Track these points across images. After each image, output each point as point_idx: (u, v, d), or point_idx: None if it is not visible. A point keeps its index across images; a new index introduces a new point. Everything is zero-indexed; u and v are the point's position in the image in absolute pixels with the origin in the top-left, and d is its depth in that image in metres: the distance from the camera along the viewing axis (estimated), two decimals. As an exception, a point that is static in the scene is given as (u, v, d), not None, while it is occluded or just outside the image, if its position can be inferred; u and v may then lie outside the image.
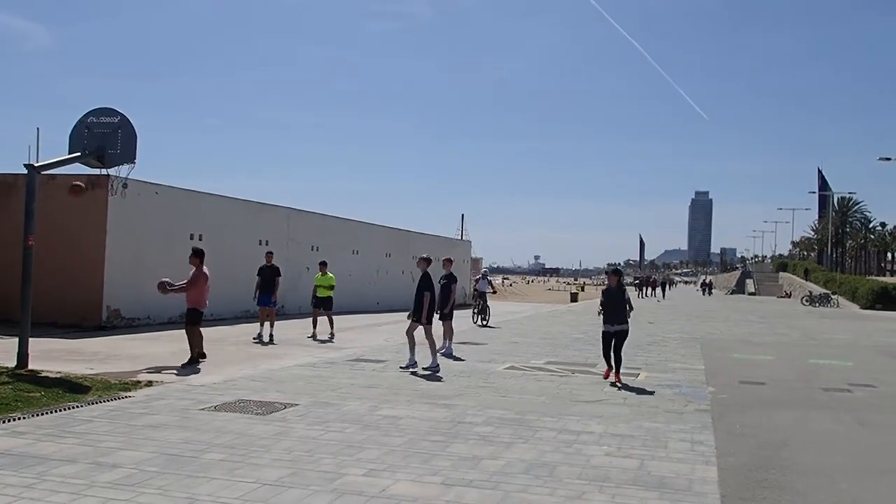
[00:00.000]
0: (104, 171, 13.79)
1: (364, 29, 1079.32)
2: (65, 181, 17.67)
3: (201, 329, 12.33)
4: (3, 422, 7.48)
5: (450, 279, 15.14)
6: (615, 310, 11.70)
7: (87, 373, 10.73)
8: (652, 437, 7.75)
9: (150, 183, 19.57)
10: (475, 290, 25.22)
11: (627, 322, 11.82)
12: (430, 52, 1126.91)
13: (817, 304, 53.68)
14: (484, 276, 26.10)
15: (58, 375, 10.36)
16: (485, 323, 23.31)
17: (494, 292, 29.28)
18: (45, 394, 8.95)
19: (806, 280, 76.71)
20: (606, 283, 12.51)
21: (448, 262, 15.56)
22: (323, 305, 17.88)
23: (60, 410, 8.13)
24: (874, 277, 73.75)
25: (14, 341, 11.06)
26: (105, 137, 12.41)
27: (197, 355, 12.13)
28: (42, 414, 7.92)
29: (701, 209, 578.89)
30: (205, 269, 12.45)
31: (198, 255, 12.49)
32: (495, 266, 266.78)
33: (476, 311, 24.10)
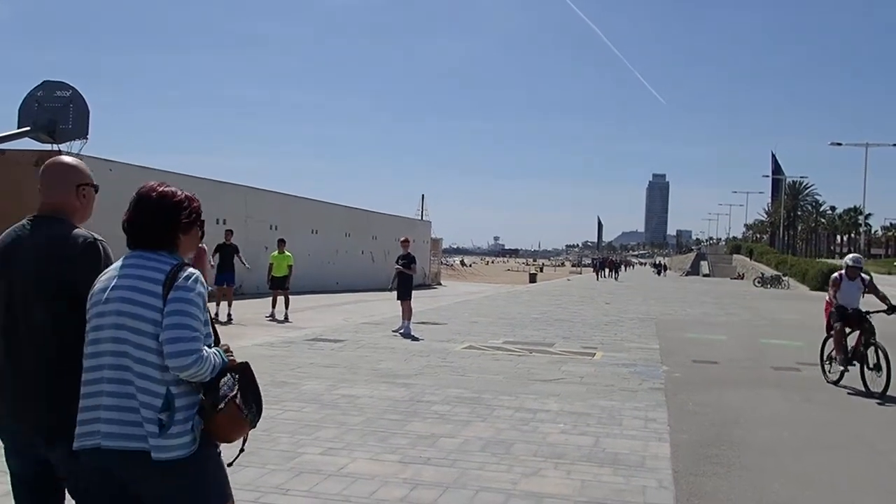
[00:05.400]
0: (55, 147, 13.45)
1: (320, 4, 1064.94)
2: (14, 156, 17.24)
3: None
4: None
5: (408, 259, 15.28)
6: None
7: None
8: (607, 414, 7.88)
9: (104, 160, 19.10)
10: (838, 305, 10.65)
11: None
12: (387, 29, 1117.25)
13: (769, 286, 54.90)
14: (855, 269, 10.65)
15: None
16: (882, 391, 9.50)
17: (891, 310, 10.36)
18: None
19: (751, 260, 78.37)
20: None
21: (405, 242, 15.66)
22: (279, 285, 17.67)
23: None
24: (823, 260, 75.60)
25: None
26: (56, 112, 12.14)
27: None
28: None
29: (658, 192, 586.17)
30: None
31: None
32: (455, 247, 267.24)
33: (847, 353, 10.38)
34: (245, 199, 25.91)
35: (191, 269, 2.64)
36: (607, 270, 66.13)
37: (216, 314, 16.21)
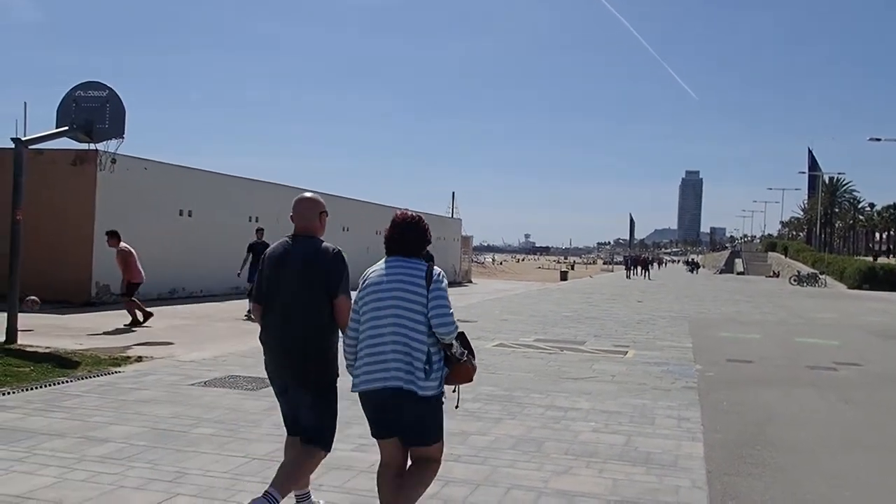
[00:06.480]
0: (92, 146, 13.64)
1: (343, 2, 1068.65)
2: (52, 156, 17.55)
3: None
4: (-7, 396, 7.47)
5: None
6: None
7: (76, 348, 10.72)
8: (639, 413, 7.82)
9: (140, 158, 19.41)
10: None
11: None
12: (413, 27, 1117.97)
13: (805, 284, 54.01)
14: None
15: (47, 350, 10.34)
16: None
17: None
18: (34, 369, 8.94)
19: (787, 258, 77.09)
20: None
21: None
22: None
23: (50, 385, 8.13)
24: (862, 258, 74.26)
25: (2, 316, 11.03)
26: (93, 111, 12.27)
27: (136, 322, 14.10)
28: (31, 388, 7.92)
29: (691, 189, 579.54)
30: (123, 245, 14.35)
31: (115, 237, 14.36)
32: (486, 244, 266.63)
33: None
34: (276, 197, 26.09)
35: (438, 269, 4.11)
36: (639, 268, 64.81)
37: (249, 311, 16.36)
